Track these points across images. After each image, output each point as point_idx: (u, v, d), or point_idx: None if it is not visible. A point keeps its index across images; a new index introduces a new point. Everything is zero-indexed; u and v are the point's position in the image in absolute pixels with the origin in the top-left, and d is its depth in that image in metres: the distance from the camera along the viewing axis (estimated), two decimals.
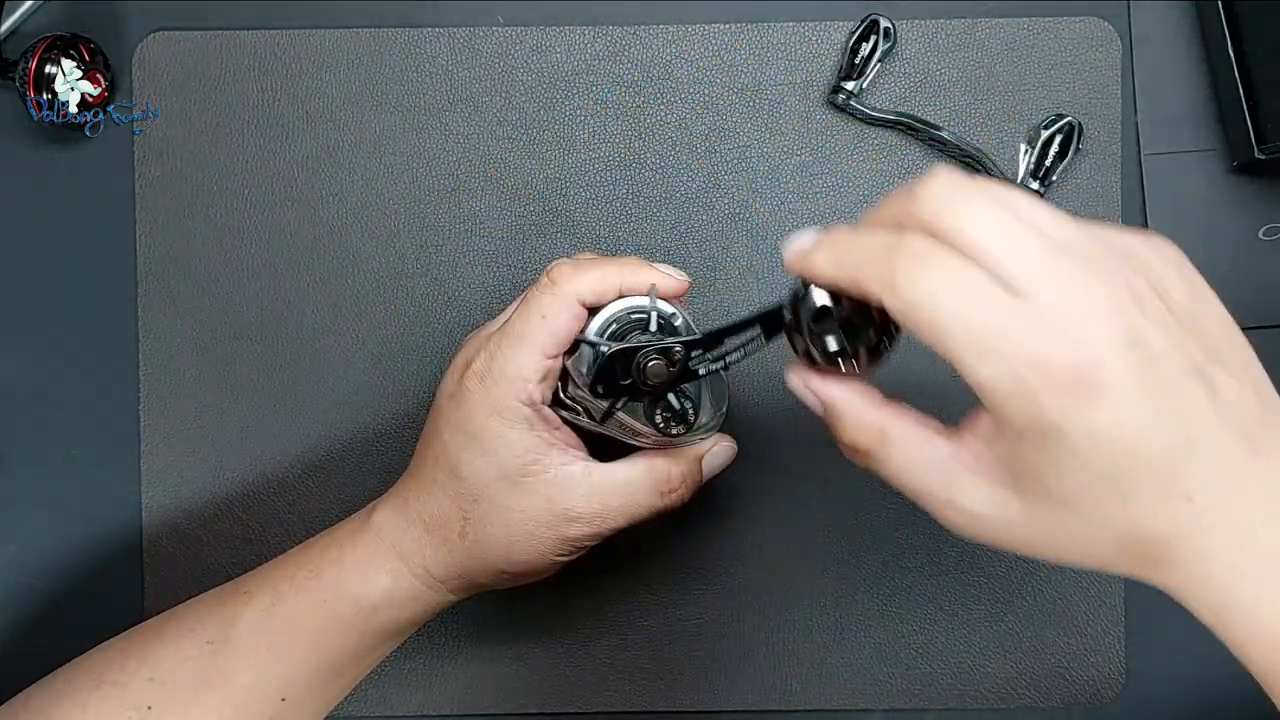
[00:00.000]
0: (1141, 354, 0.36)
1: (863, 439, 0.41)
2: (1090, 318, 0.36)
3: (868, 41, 0.61)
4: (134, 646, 0.52)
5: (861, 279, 0.38)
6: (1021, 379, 0.35)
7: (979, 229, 0.37)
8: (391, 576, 0.51)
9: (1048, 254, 0.36)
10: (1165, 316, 0.37)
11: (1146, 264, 0.38)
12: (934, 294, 0.36)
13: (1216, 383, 0.37)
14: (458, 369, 0.50)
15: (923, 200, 0.38)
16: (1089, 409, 0.35)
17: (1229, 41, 0.60)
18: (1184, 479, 0.36)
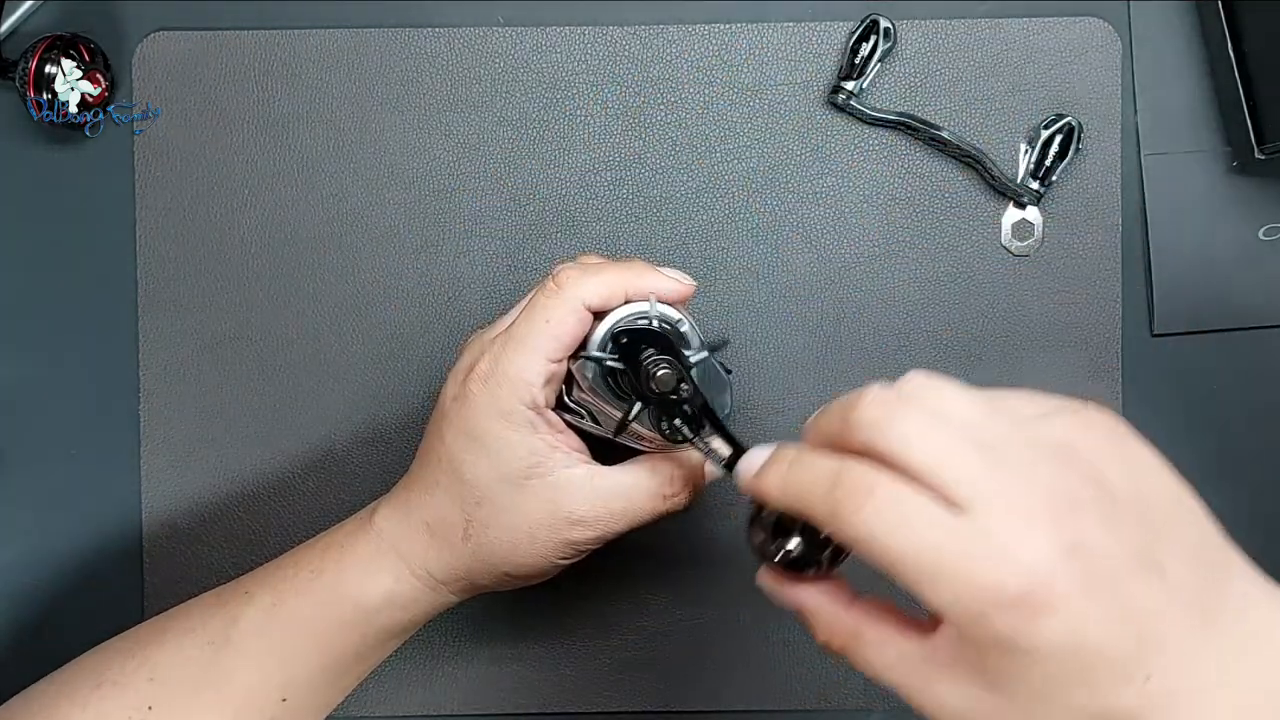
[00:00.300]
0: (1083, 560, 0.37)
1: (836, 641, 0.42)
2: (1029, 534, 0.37)
3: (868, 41, 0.61)
4: (134, 646, 0.52)
5: (807, 510, 0.40)
6: (974, 604, 0.36)
7: (913, 449, 0.38)
8: (393, 578, 0.51)
9: (983, 466, 0.38)
10: (1103, 507, 0.38)
11: (1080, 449, 0.39)
12: (878, 528, 0.37)
13: (1163, 564, 0.38)
14: (461, 371, 0.50)
15: (857, 425, 0.39)
16: (1041, 624, 0.36)
17: (1229, 41, 0.60)
18: (1141, 664, 0.37)
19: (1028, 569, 0.36)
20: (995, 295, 0.62)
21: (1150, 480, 0.40)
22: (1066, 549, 0.37)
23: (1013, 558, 0.36)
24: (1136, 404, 0.61)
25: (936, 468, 0.38)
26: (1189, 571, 0.39)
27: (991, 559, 0.36)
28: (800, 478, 0.40)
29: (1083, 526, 0.37)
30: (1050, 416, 0.40)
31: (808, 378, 0.61)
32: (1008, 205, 0.61)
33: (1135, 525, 0.38)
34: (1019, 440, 0.39)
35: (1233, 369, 0.62)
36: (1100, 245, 0.62)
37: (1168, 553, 0.38)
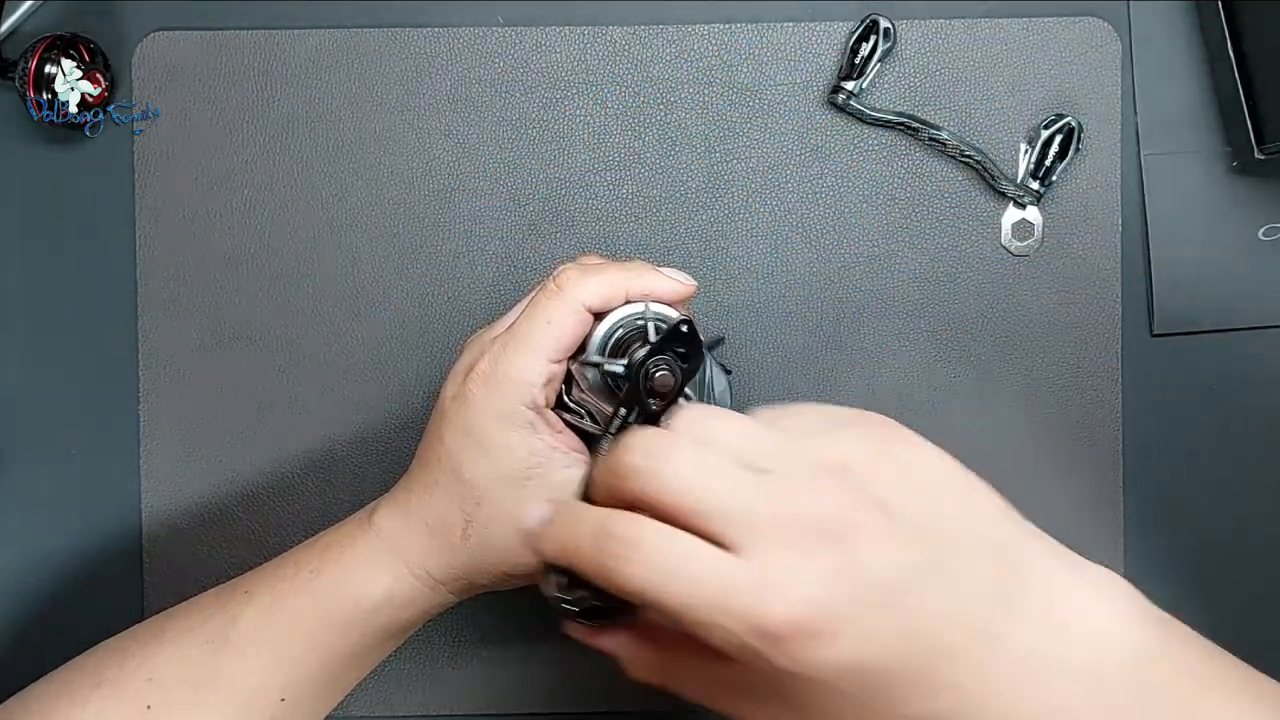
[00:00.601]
0: (858, 582, 0.37)
1: (651, 679, 0.43)
2: (797, 562, 0.37)
3: (868, 41, 0.61)
4: (133, 646, 0.52)
5: (580, 567, 0.40)
6: (749, 643, 0.37)
7: (679, 492, 0.38)
8: (392, 577, 0.51)
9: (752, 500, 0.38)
10: (879, 528, 0.38)
11: (854, 467, 0.39)
12: (646, 581, 0.38)
13: (948, 569, 0.38)
14: (461, 371, 0.50)
15: (624, 474, 0.39)
16: (818, 652, 0.36)
17: (1229, 41, 0.60)
18: (942, 672, 0.38)
19: (795, 600, 0.36)
20: (995, 295, 0.62)
21: (929, 484, 0.40)
22: (838, 575, 0.37)
23: (780, 591, 0.36)
24: (1136, 404, 0.62)
25: (704, 508, 0.38)
26: (977, 570, 0.39)
27: (757, 595, 0.37)
28: (567, 534, 0.41)
29: (855, 548, 0.37)
30: (828, 432, 0.40)
31: (808, 378, 0.61)
32: (1008, 205, 0.61)
33: (913, 535, 0.38)
34: (792, 465, 0.39)
35: (1233, 369, 0.62)
36: (1100, 245, 0.62)
37: (952, 556, 0.38)
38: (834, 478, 0.39)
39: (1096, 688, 0.39)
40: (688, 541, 0.38)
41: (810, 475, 0.39)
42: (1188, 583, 0.61)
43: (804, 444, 0.40)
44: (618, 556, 0.38)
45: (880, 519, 0.38)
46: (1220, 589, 0.62)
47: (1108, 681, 0.39)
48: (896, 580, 0.37)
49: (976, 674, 0.38)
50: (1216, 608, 0.61)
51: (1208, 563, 0.62)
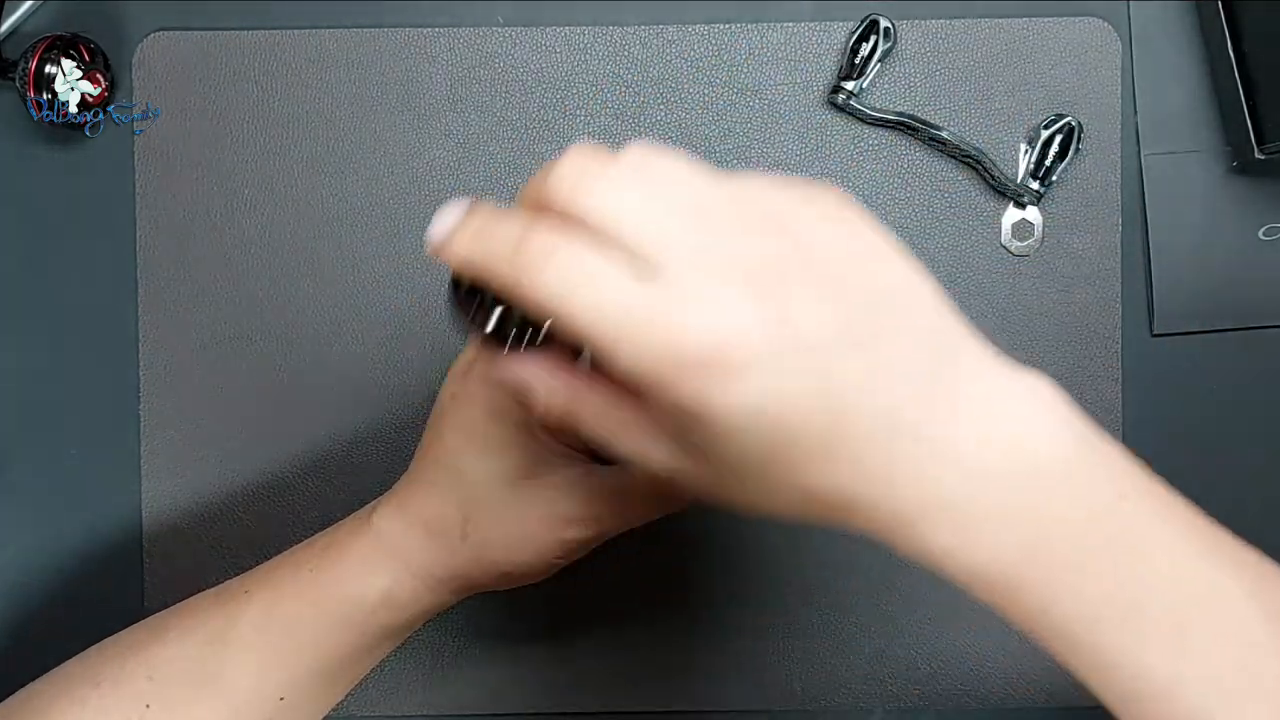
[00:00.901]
0: (782, 329, 0.35)
1: (556, 409, 0.40)
2: (722, 293, 0.34)
3: (868, 41, 0.61)
4: (133, 645, 0.52)
5: (493, 277, 0.37)
6: (655, 367, 0.35)
7: (611, 208, 0.36)
8: (391, 577, 0.51)
9: (685, 228, 0.35)
10: (815, 282, 0.35)
11: (798, 221, 0.37)
12: (558, 290, 0.35)
13: (877, 344, 0.36)
14: (460, 370, 0.50)
15: (555, 182, 0.37)
16: (728, 389, 0.34)
17: (1229, 41, 0.60)
18: (849, 444, 0.36)
19: (716, 330, 0.34)
20: (995, 295, 0.62)
21: (872, 260, 0.37)
22: (764, 316, 0.35)
23: (700, 319, 0.34)
24: (1136, 404, 0.61)
25: (631, 228, 0.35)
26: (903, 351, 0.36)
27: (676, 319, 0.34)
28: (485, 241, 0.37)
29: (784, 293, 0.35)
30: (773, 190, 0.37)
31: None
32: (1008, 205, 0.61)
33: (849, 304, 0.36)
34: (732, 209, 0.36)
35: (1233, 369, 0.62)
36: (1100, 245, 0.62)
37: (886, 335, 0.36)
38: (773, 227, 0.36)
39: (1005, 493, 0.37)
40: (610, 257, 0.35)
41: (747, 221, 0.36)
42: None
43: (750, 194, 0.37)
44: (532, 264, 0.36)
45: (815, 276, 0.36)
46: None
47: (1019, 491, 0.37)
48: (818, 338, 0.35)
49: (882, 452, 0.36)
50: None
51: None
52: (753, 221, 0.36)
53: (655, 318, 0.35)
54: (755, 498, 0.38)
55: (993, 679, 0.62)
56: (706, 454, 0.37)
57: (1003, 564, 0.37)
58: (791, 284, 0.35)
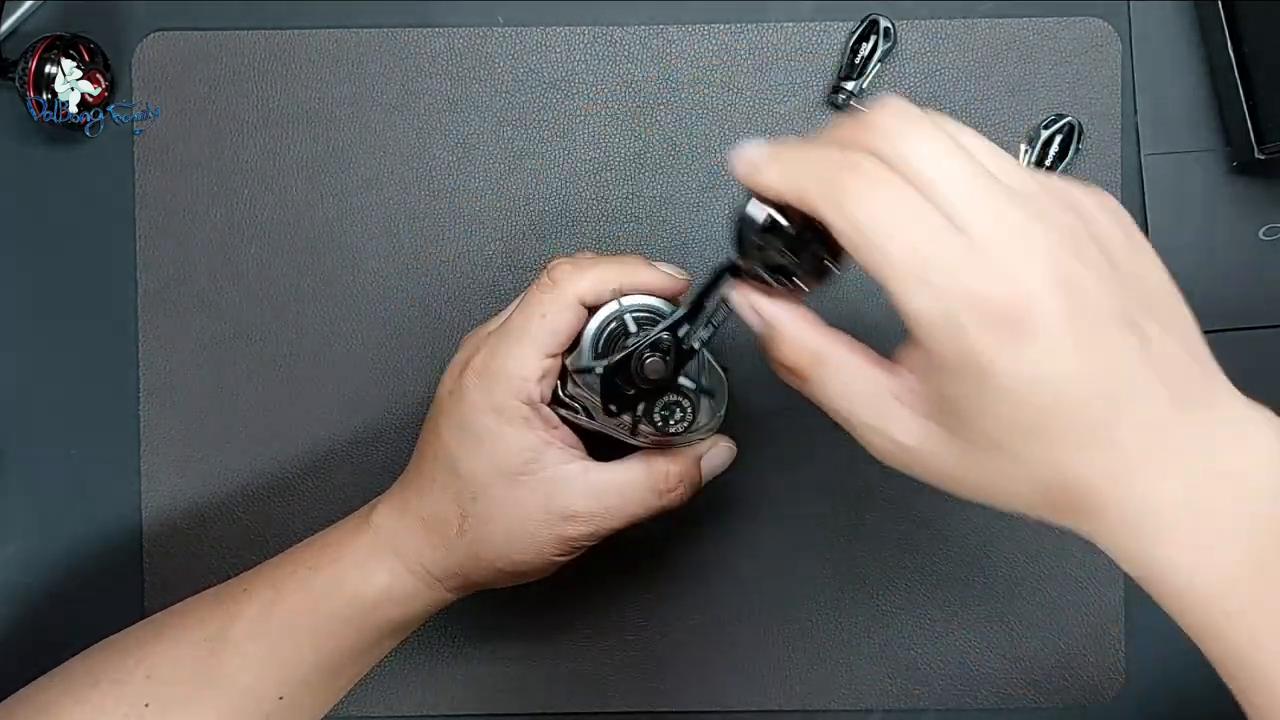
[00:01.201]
0: (1075, 299, 0.36)
1: (800, 360, 0.41)
2: (1026, 258, 0.35)
3: (868, 41, 0.61)
4: (133, 644, 0.52)
5: (809, 195, 0.38)
6: (953, 313, 0.35)
7: (928, 161, 0.37)
8: (390, 575, 0.51)
9: (991, 192, 0.36)
10: (1103, 265, 0.37)
11: (1089, 213, 0.38)
12: (878, 217, 0.36)
13: (1149, 334, 0.37)
14: (457, 367, 0.50)
15: (874, 127, 0.37)
16: (1017, 349, 0.35)
17: (1229, 41, 0.60)
18: (1110, 429, 0.36)
19: (1017, 287, 0.35)
20: None
21: (1150, 264, 0.39)
22: (1061, 282, 0.35)
23: (1004, 274, 0.35)
24: None
25: (948, 186, 0.36)
26: (1173, 353, 0.38)
27: (983, 272, 0.35)
28: (805, 163, 0.39)
29: (1079, 270, 0.36)
30: (1070, 184, 0.39)
31: None
32: None
33: (1131, 293, 0.37)
34: (1030, 184, 0.38)
35: (1233, 369, 0.62)
36: None
37: (1155, 329, 0.37)
38: (1066, 207, 0.38)
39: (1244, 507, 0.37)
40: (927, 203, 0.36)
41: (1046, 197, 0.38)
42: None
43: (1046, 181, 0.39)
44: (853, 190, 0.37)
45: (1104, 259, 0.37)
46: None
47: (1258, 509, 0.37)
48: (1107, 317, 0.36)
49: (1138, 445, 0.36)
50: None
51: None
52: (1052, 201, 0.37)
53: (961, 268, 0.35)
54: (994, 481, 0.38)
55: (993, 679, 0.62)
56: (964, 426, 0.37)
57: (1226, 584, 0.37)
58: (1084, 258, 0.36)
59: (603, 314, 0.49)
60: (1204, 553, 0.37)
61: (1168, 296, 0.39)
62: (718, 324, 0.47)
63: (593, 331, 0.49)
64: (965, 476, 0.39)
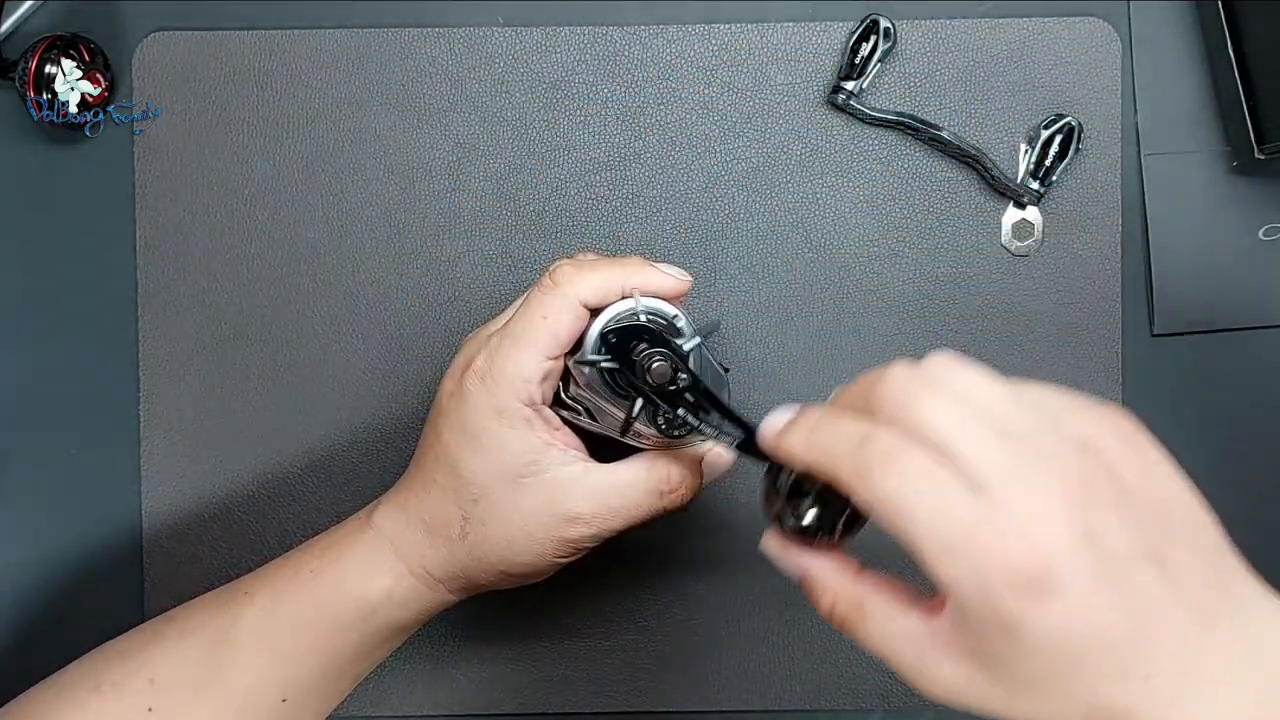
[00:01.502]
0: (1094, 548, 0.37)
1: (840, 610, 0.43)
2: (1045, 517, 0.37)
3: (868, 41, 0.61)
4: (134, 648, 0.52)
5: (834, 469, 0.40)
6: (983, 580, 0.37)
7: (941, 426, 0.38)
8: (391, 576, 0.51)
9: (1005, 450, 0.38)
10: (1117, 501, 0.38)
11: (1098, 445, 0.39)
12: (904, 492, 0.38)
13: (1170, 562, 0.38)
14: (458, 368, 0.50)
15: (882, 399, 0.40)
16: (1046, 607, 0.36)
17: (1229, 41, 0.60)
18: (1141, 660, 0.38)
19: (1041, 550, 0.37)
20: (995, 295, 0.62)
21: (1164, 484, 0.40)
22: (1080, 536, 0.37)
23: (1027, 538, 0.37)
24: (1136, 404, 0.61)
25: (960, 446, 0.38)
26: (1196, 572, 0.39)
27: (1006, 537, 0.37)
28: (827, 437, 0.41)
29: (1097, 516, 0.37)
30: (1072, 411, 0.40)
31: (807, 378, 0.61)
32: (1008, 205, 0.61)
33: (1148, 522, 0.39)
34: (1040, 429, 0.39)
35: (1233, 369, 0.62)
36: (1100, 245, 0.62)
37: (1177, 552, 0.39)
38: (1080, 449, 0.39)
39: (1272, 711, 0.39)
40: (947, 470, 0.38)
41: (1058, 441, 0.39)
42: None
43: (1049, 414, 0.40)
44: (876, 466, 0.38)
45: (1120, 496, 0.38)
46: None
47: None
48: (1126, 558, 0.38)
49: (1173, 671, 0.38)
50: None
51: None
52: (1058, 438, 0.39)
53: (986, 533, 0.37)
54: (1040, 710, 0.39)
55: None
56: (1003, 670, 0.39)
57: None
58: (1098, 501, 0.38)
59: (605, 316, 0.49)
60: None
61: (1185, 510, 0.40)
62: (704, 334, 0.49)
63: (596, 332, 0.49)
64: (1012, 710, 0.40)
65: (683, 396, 0.47)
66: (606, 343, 0.49)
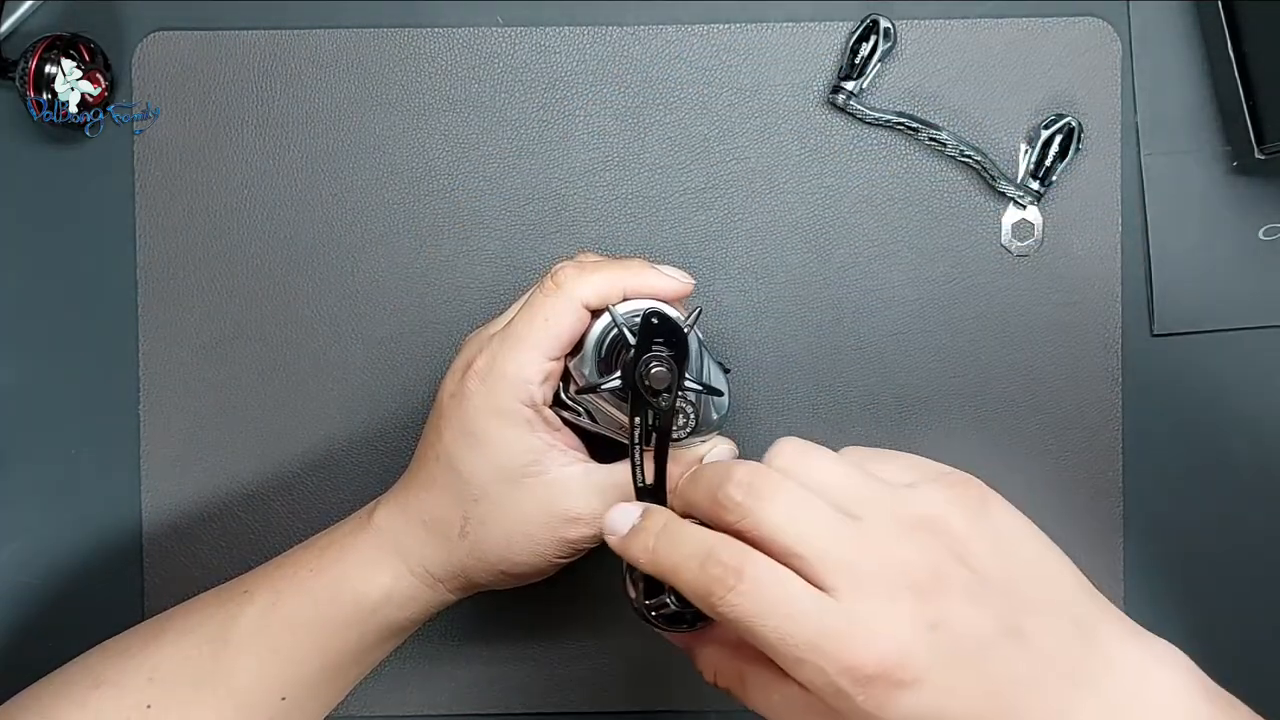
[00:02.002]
0: (944, 636, 0.38)
1: (722, 682, 0.44)
2: (888, 614, 0.38)
3: (868, 41, 0.60)
4: (134, 646, 0.52)
5: (679, 584, 0.41)
6: (834, 682, 0.38)
7: (781, 531, 0.39)
8: (391, 576, 0.51)
9: (849, 546, 0.39)
10: (966, 583, 0.39)
11: (945, 524, 0.40)
12: (746, 610, 0.39)
13: (1028, 633, 0.39)
14: (459, 369, 0.50)
15: (725, 505, 0.41)
16: (901, 699, 0.38)
17: (1229, 41, 0.60)
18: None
19: (887, 648, 0.38)
20: (995, 295, 0.62)
21: (1015, 553, 0.41)
22: (928, 626, 0.38)
23: (872, 637, 0.38)
24: (1136, 404, 0.61)
25: (804, 549, 0.39)
26: (1058, 637, 0.39)
27: (851, 639, 0.38)
28: (670, 550, 0.42)
29: (945, 603, 0.38)
30: (919, 486, 0.41)
31: (807, 378, 0.61)
32: (1008, 205, 0.61)
33: (999, 596, 0.39)
34: (887, 514, 0.40)
35: (1233, 369, 0.62)
36: (1100, 245, 0.62)
37: (1034, 621, 0.39)
38: (926, 532, 0.40)
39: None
40: (791, 579, 0.39)
41: (903, 527, 0.40)
42: (1186, 584, 0.61)
43: (897, 494, 0.41)
44: (721, 584, 0.39)
45: (969, 577, 0.39)
46: (1219, 589, 0.62)
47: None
48: (980, 639, 0.38)
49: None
50: (1215, 607, 0.61)
51: (1207, 563, 0.62)
52: (907, 526, 0.40)
53: (831, 639, 0.38)
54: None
55: None
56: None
57: None
58: (945, 587, 0.39)
59: (606, 317, 0.49)
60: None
61: (1040, 575, 0.41)
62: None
63: (597, 334, 0.49)
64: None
65: (652, 408, 0.47)
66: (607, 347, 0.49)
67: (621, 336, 0.48)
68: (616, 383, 0.47)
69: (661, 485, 0.47)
